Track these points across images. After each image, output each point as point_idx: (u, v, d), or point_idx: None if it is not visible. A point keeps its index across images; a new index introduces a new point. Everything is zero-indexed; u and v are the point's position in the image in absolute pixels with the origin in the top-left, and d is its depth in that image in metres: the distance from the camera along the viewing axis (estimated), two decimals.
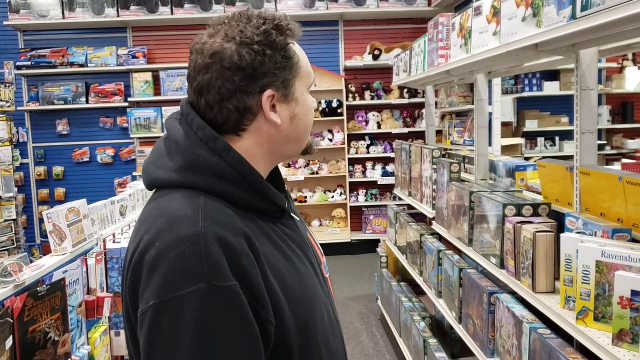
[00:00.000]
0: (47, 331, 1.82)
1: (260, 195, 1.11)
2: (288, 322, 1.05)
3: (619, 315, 1.61)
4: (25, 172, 7.24)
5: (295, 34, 1.15)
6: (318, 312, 1.15)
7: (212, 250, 0.96)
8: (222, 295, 0.94)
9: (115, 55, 7.05)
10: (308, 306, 1.12)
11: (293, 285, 1.09)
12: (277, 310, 1.02)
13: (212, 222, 0.99)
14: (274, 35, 1.10)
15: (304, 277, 1.14)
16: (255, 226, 1.08)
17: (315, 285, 1.17)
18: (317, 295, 1.16)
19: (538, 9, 1.97)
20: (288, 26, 1.13)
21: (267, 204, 1.12)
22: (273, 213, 1.16)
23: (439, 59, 3.27)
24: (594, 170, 2.13)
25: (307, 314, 1.11)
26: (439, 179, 3.55)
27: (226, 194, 1.07)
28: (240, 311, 0.96)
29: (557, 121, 6.80)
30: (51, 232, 2.13)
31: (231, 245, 0.98)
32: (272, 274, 1.04)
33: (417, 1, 7.08)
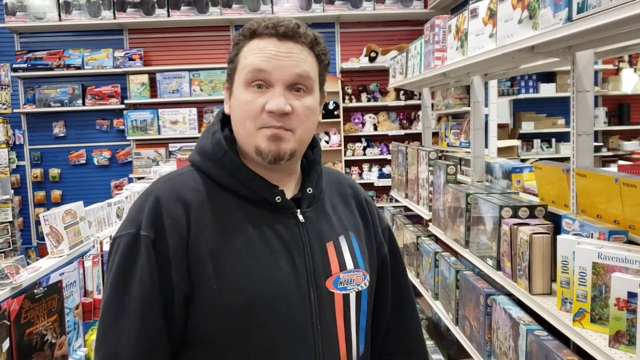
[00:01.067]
0: (44, 333, 1.82)
1: (236, 178, 1.19)
2: (208, 298, 1.11)
3: (616, 317, 1.61)
4: (21, 174, 7.22)
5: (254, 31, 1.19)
6: (269, 311, 1.13)
7: (147, 205, 1.14)
8: (139, 241, 1.11)
9: (111, 57, 7.04)
10: (250, 297, 1.12)
11: (234, 268, 1.12)
12: (197, 281, 1.11)
13: (165, 186, 1.18)
14: (236, 35, 1.24)
15: (264, 270, 1.14)
16: (224, 205, 1.18)
17: (281, 285, 1.15)
18: (276, 294, 1.14)
19: (534, 11, 1.98)
20: (249, 25, 1.20)
21: (244, 189, 1.19)
22: (263, 203, 1.19)
23: (435, 61, 3.27)
24: (590, 172, 2.13)
25: (246, 305, 1.11)
26: (435, 181, 3.56)
27: (210, 172, 1.20)
28: (145, 260, 1.10)
29: (553, 123, 6.81)
30: (48, 234, 2.13)
31: (161, 204, 1.14)
32: (207, 247, 1.12)
33: (413, 3, 7.09)
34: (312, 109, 1.21)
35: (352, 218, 1.36)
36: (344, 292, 1.24)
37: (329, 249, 1.25)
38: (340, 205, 1.35)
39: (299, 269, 1.19)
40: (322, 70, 1.26)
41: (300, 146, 1.22)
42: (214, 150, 1.21)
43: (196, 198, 1.16)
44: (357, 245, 1.31)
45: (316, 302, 1.19)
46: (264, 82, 1.16)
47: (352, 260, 1.27)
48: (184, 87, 7.08)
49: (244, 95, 1.17)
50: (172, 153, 7.04)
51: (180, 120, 7.11)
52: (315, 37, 1.22)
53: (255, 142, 1.17)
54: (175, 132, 7.11)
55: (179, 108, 7.14)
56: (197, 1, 6.87)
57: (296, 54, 1.18)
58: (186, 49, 7.27)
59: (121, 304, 1.10)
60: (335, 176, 1.42)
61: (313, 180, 1.29)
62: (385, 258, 1.42)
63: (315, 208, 1.28)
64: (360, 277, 1.27)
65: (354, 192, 1.41)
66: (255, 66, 1.16)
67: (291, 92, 1.18)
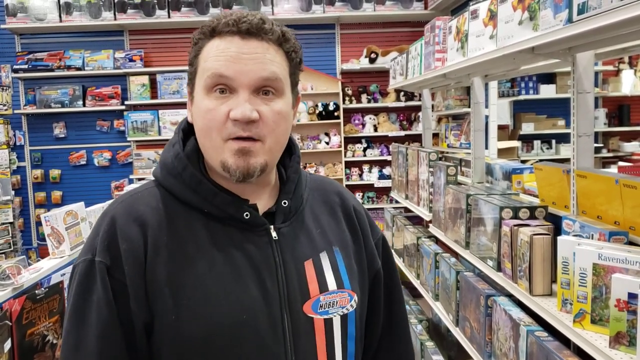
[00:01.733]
0: (45, 334, 1.82)
1: (199, 194, 1.09)
2: (166, 329, 1.02)
3: (616, 318, 1.61)
4: (22, 175, 7.22)
5: (216, 29, 1.07)
6: (233, 341, 1.03)
7: (102, 227, 1.06)
8: (94, 269, 1.02)
9: (112, 59, 7.05)
10: (210, 327, 1.02)
11: (193, 296, 1.02)
12: (156, 310, 1.02)
13: (121, 206, 1.08)
14: (195, 33, 1.12)
15: (227, 296, 1.04)
16: (185, 225, 1.07)
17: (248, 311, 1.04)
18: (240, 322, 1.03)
19: (534, 13, 1.98)
20: (209, 22, 1.09)
21: (208, 205, 1.09)
22: (230, 220, 1.09)
23: (435, 62, 3.28)
24: (591, 173, 2.13)
25: (206, 336, 1.02)
26: (435, 182, 3.56)
27: (172, 188, 1.10)
28: (100, 288, 1.01)
29: (553, 124, 6.82)
30: (49, 235, 2.13)
31: (117, 226, 1.05)
32: (165, 273, 1.03)
33: (413, 4, 7.10)
34: (283, 114, 1.08)
35: (338, 230, 1.23)
36: (325, 316, 1.11)
37: (307, 269, 1.12)
38: (324, 216, 1.23)
39: (270, 292, 1.07)
40: (293, 69, 1.13)
41: (271, 157, 1.09)
42: (173, 164, 1.10)
43: (155, 217, 1.06)
44: (343, 261, 1.18)
45: (290, 330, 1.07)
46: (227, 87, 1.04)
47: (335, 279, 1.14)
48: (185, 88, 7.07)
49: (206, 102, 1.05)
50: None
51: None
52: (283, 32, 1.09)
53: (222, 157, 1.05)
54: None
55: (179, 109, 7.13)
56: (197, 2, 6.87)
57: (261, 54, 1.05)
58: (187, 50, 7.01)
59: (78, 336, 1.02)
60: (319, 183, 1.29)
61: (289, 192, 1.17)
62: (378, 273, 1.28)
63: (293, 222, 1.16)
64: (345, 298, 1.14)
65: (341, 201, 1.28)
66: (216, 71, 1.04)
67: (258, 96, 1.05)
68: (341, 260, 1.18)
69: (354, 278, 1.18)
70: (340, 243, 1.20)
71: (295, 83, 1.15)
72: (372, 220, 1.33)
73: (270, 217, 1.13)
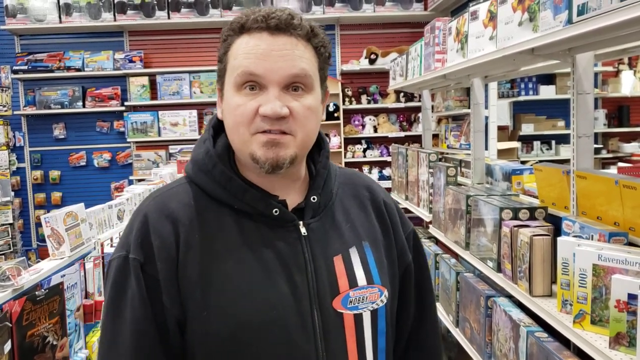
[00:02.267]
0: (45, 335, 1.82)
1: (228, 191, 1.09)
2: (197, 325, 1.03)
3: (616, 319, 1.61)
4: (21, 176, 7.21)
5: (245, 25, 1.06)
6: (262, 338, 1.03)
7: (135, 224, 1.08)
8: (128, 265, 1.04)
9: (111, 60, 7.04)
10: (238, 324, 1.03)
11: (222, 292, 1.03)
12: (188, 306, 1.03)
13: (154, 202, 1.10)
14: (223, 31, 1.11)
15: (255, 292, 1.04)
16: (216, 221, 1.08)
17: (277, 307, 1.04)
18: (269, 319, 1.04)
19: (534, 14, 1.98)
20: (237, 19, 1.09)
21: (238, 202, 1.09)
22: (260, 216, 1.09)
23: (435, 63, 3.28)
24: (591, 174, 2.14)
25: (234, 333, 1.03)
26: (435, 183, 3.56)
27: (203, 185, 1.11)
28: (134, 284, 1.03)
29: (553, 125, 6.82)
30: (49, 236, 2.13)
31: (149, 223, 1.06)
32: (196, 269, 1.04)
33: (413, 5, 7.10)
34: (313, 109, 1.08)
35: (369, 224, 1.21)
36: (355, 312, 1.10)
37: (336, 264, 1.12)
38: (354, 210, 1.21)
39: (299, 288, 1.06)
40: (322, 64, 1.12)
41: (301, 150, 1.09)
42: (203, 160, 1.12)
43: (186, 214, 1.08)
44: (373, 256, 1.17)
45: (320, 325, 1.07)
46: (257, 84, 1.05)
47: (365, 274, 1.13)
48: (184, 89, 7.08)
49: (235, 99, 1.06)
50: (173, 155, 7.04)
51: (180, 123, 7.12)
52: (312, 27, 1.09)
53: (250, 149, 1.05)
54: (176, 134, 7.11)
55: (179, 110, 7.14)
56: (197, 3, 6.87)
57: (291, 50, 1.05)
58: (186, 51, 7.28)
59: (114, 331, 1.05)
60: (349, 177, 1.28)
61: (318, 187, 1.16)
62: (409, 267, 1.27)
63: (322, 217, 1.15)
64: (375, 293, 1.13)
65: (371, 195, 1.26)
66: (245, 69, 1.04)
67: (288, 92, 1.05)
68: (371, 255, 1.17)
69: (384, 273, 1.18)
70: (370, 237, 1.19)
71: (324, 78, 1.15)
72: (403, 214, 1.32)
73: (300, 212, 1.13)
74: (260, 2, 6.97)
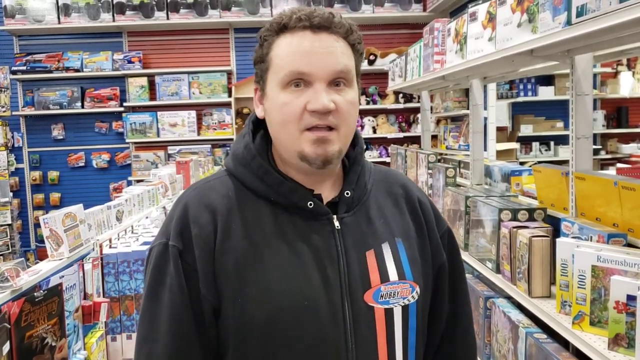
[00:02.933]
0: (44, 336, 1.82)
1: (265, 183, 1.13)
2: (232, 312, 1.07)
3: (615, 320, 1.62)
4: (20, 176, 7.21)
5: (285, 25, 1.10)
6: (294, 326, 1.06)
7: (176, 213, 1.13)
8: (168, 252, 1.09)
9: (110, 60, 7.04)
10: (272, 311, 1.06)
11: (258, 280, 1.06)
12: (223, 292, 1.07)
13: (194, 193, 1.16)
14: (262, 31, 1.15)
15: (289, 282, 1.07)
16: (254, 212, 1.12)
17: (308, 298, 1.07)
18: (301, 308, 1.06)
19: (533, 15, 1.99)
20: (277, 19, 1.12)
21: (274, 194, 1.13)
22: (295, 209, 1.12)
23: (434, 64, 3.28)
24: (589, 175, 2.14)
25: (267, 320, 1.06)
26: (434, 184, 3.56)
27: (242, 178, 1.16)
28: (173, 271, 1.08)
29: (552, 126, 6.82)
30: (48, 237, 2.13)
31: (189, 213, 1.11)
32: (233, 257, 1.08)
33: (412, 6, 7.11)
34: (355, 103, 1.13)
35: (402, 221, 1.22)
36: (386, 306, 1.12)
37: (368, 258, 1.13)
38: (388, 207, 1.23)
39: (331, 280, 1.09)
40: (357, 61, 1.16)
41: (345, 144, 1.13)
42: (242, 154, 1.16)
43: (225, 204, 1.12)
44: (406, 253, 1.18)
45: (351, 317, 1.08)
46: (303, 81, 1.08)
47: (396, 270, 1.14)
48: (183, 90, 7.08)
49: (282, 96, 1.09)
50: (171, 156, 7.05)
51: (179, 123, 7.12)
52: (350, 25, 1.13)
53: (300, 147, 1.09)
54: (175, 134, 7.11)
55: (178, 111, 7.14)
56: (196, 4, 6.88)
57: (334, 48, 1.09)
58: (185, 52, 7.28)
59: (152, 315, 1.09)
60: (384, 174, 1.30)
61: (352, 182, 1.18)
62: (443, 267, 1.26)
63: (357, 212, 1.17)
64: (406, 289, 1.14)
65: (405, 192, 1.27)
66: (293, 69, 1.07)
67: (332, 87, 1.09)
68: (403, 252, 1.18)
69: (417, 270, 1.18)
70: (403, 234, 1.20)
71: (359, 74, 1.19)
72: (439, 213, 1.33)
73: (334, 207, 1.16)
74: (259, 3, 6.96)
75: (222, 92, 7.11)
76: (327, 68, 1.08)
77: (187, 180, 4.51)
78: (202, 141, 7.22)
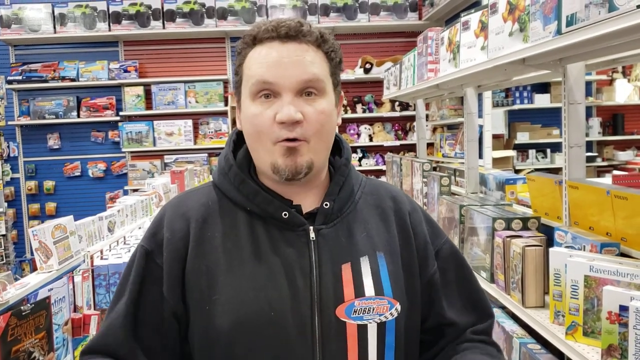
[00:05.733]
0: (31, 350, 1.79)
1: (242, 193, 1.14)
2: (199, 319, 1.08)
3: (608, 330, 1.60)
4: (15, 186, 7.19)
5: (255, 37, 1.11)
6: (259, 336, 1.04)
7: (155, 219, 1.17)
8: (139, 253, 1.14)
9: (106, 69, 7.04)
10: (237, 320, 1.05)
11: (226, 288, 1.07)
12: (191, 299, 1.09)
13: (174, 201, 1.20)
14: (238, 44, 1.16)
15: (256, 291, 1.06)
16: (230, 222, 1.14)
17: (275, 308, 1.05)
18: (267, 318, 1.04)
19: (524, 24, 1.98)
20: (250, 31, 1.13)
21: (250, 204, 1.13)
22: (271, 219, 1.12)
23: (428, 72, 3.28)
24: (582, 184, 2.13)
25: (232, 328, 1.05)
26: (429, 192, 3.55)
27: (221, 186, 1.18)
28: (140, 270, 1.12)
29: (548, 133, 6.82)
30: (37, 249, 2.11)
31: (165, 219, 1.15)
32: (204, 264, 1.09)
33: (407, 15, 7.12)
34: (327, 113, 1.10)
35: (388, 235, 1.19)
36: (359, 322, 1.08)
37: (344, 272, 1.10)
38: (374, 220, 1.19)
39: (300, 292, 1.06)
40: (333, 70, 1.14)
41: (317, 156, 1.10)
42: (222, 164, 1.19)
43: (201, 213, 1.14)
44: (387, 268, 1.14)
45: (320, 331, 1.06)
46: (271, 91, 1.07)
47: (374, 285, 1.10)
48: (180, 99, 7.08)
49: (252, 108, 1.09)
50: (168, 165, 7.03)
51: (175, 132, 7.11)
52: (321, 34, 1.13)
53: (272, 159, 1.08)
54: (171, 143, 7.10)
55: (174, 120, 7.13)
56: (192, 13, 6.88)
57: (301, 57, 1.08)
58: (181, 61, 7.28)
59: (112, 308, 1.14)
60: (375, 187, 1.26)
61: (333, 194, 1.16)
62: (433, 278, 1.21)
63: (337, 224, 1.14)
64: (383, 305, 1.09)
65: (395, 205, 1.24)
66: (259, 78, 1.07)
67: (302, 97, 1.08)
68: (384, 267, 1.14)
69: (399, 286, 1.14)
70: (387, 249, 1.16)
71: (337, 82, 1.17)
72: (435, 225, 1.29)
73: (313, 217, 1.14)
74: (255, 12, 6.97)
75: (219, 101, 7.11)
76: (294, 78, 1.07)
77: (182, 190, 4.49)
78: (199, 150, 7.21)
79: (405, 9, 7.10)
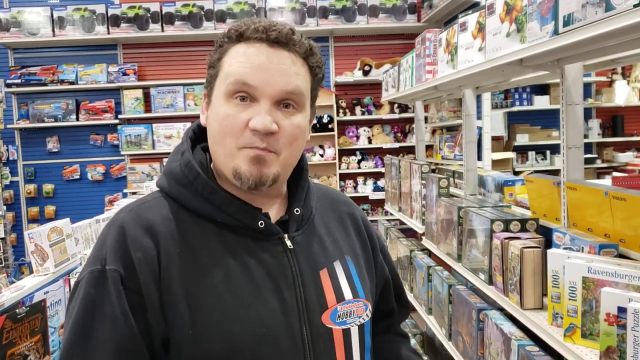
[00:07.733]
0: (26, 354, 1.79)
1: (211, 204, 1.05)
2: (184, 344, 0.96)
3: (606, 332, 1.59)
4: (14, 189, 7.18)
5: (242, 33, 1.04)
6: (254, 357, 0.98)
7: (110, 236, 0.99)
8: (106, 278, 0.95)
9: (105, 72, 7.04)
10: (230, 343, 0.97)
11: (211, 309, 0.97)
12: (173, 323, 0.97)
13: (130, 214, 1.03)
14: (220, 36, 1.09)
15: (245, 309, 0.99)
16: (198, 235, 1.03)
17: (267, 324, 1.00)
18: (261, 337, 0.99)
19: (522, 25, 1.97)
20: (236, 26, 1.06)
21: (222, 215, 1.05)
22: (244, 230, 1.05)
23: (426, 74, 3.27)
24: (581, 185, 2.12)
25: (225, 352, 0.96)
26: (428, 194, 3.54)
27: (181, 198, 1.06)
28: (115, 299, 0.95)
29: (548, 135, 6.82)
30: (33, 252, 2.10)
31: (127, 234, 0.99)
32: (181, 285, 0.98)
33: (406, 17, 7.12)
34: (302, 128, 1.06)
35: (348, 239, 1.20)
36: (343, 326, 1.07)
37: (323, 278, 1.08)
38: (334, 225, 1.20)
39: (289, 304, 1.03)
40: (315, 85, 1.11)
41: (284, 170, 1.07)
42: (182, 172, 1.06)
43: (166, 227, 1.01)
44: (355, 270, 1.15)
45: (310, 341, 1.03)
46: (249, 95, 1.01)
47: (350, 288, 1.11)
48: (179, 102, 7.07)
49: (225, 108, 1.02)
50: None
51: (174, 135, 7.10)
52: (310, 46, 1.08)
53: (235, 163, 1.02)
54: (170, 146, 7.08)
55: (173, 123, 7.13)
56: (191, 16, 6.88)
57: (288, 66, 1.03)
58: (180, 64, 7.28)
59: (86, 354, 0.94)
60: (327, 193, 1.27)
61: (300, 200, 1.14)
62: (388, 281, 1.27)
63: (306, 231, 1.12)
64: (360, 307, 1.11)
65: (349, 210, 1.25)
66: (240, 78, 1.00)
67: (279, 108, 1.03)
68: (354, 269, 1.15)
69: (367, 287, 1.16)
70: (351, 252, 1.18)
71: (315, 98, 1.14)
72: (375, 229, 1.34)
73: (283, 226, 1.10)
74: (254, 14, 6.97)
75: None
76: (277, 86, 1.02)
77: None
78: None
79: (404, 11, 7.10)
